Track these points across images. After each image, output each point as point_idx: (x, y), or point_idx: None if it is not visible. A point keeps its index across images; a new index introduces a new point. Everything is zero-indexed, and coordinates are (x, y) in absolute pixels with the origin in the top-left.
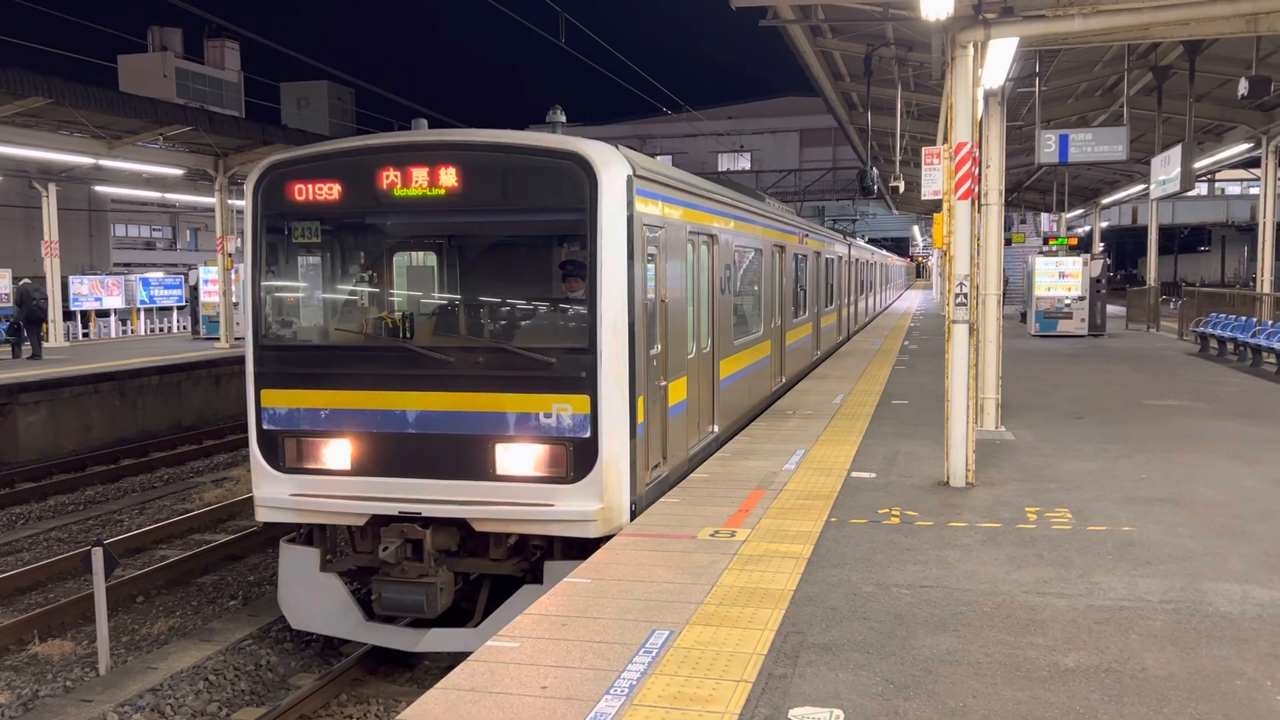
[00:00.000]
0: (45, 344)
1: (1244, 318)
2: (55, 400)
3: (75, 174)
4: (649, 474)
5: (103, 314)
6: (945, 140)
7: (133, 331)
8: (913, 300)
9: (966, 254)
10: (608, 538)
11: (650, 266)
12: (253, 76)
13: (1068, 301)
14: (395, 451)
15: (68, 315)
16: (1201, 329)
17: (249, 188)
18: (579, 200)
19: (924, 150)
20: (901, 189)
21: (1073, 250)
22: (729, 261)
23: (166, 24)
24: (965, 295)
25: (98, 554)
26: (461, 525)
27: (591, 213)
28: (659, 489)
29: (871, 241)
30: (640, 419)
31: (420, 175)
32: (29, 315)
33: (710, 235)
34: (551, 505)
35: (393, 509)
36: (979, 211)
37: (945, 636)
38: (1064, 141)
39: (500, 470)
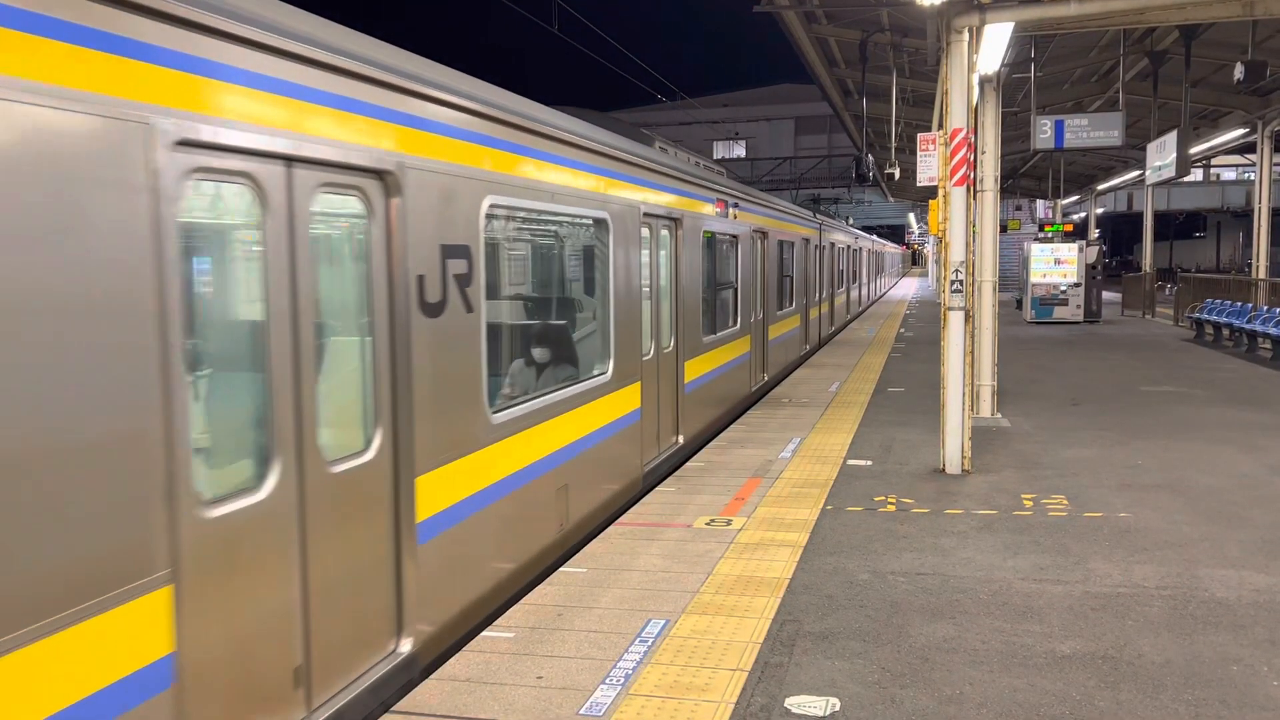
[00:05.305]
0: None
1: (1239, 303)
2: None
3: None
4: None
5: None
6: (940, 126)
7: None
8: (909, 288)
9: (962, 240)
10: None
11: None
12: None
13: (1063, 288)
14: None
15: None
16: (1197, 315)
17: None
18: None
19: (919, 136)
20: (897, 176)
21: (1068, 236)
22: (458, 235)
23: None
24: (961, 282)
25: None
26: None
27: None
28: None
29: (866, 229)
30: None
31: None
32: None
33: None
34: None
35: None
36: (974, 198)
37: (942, 624)
38: (1059, 127)
39: None
